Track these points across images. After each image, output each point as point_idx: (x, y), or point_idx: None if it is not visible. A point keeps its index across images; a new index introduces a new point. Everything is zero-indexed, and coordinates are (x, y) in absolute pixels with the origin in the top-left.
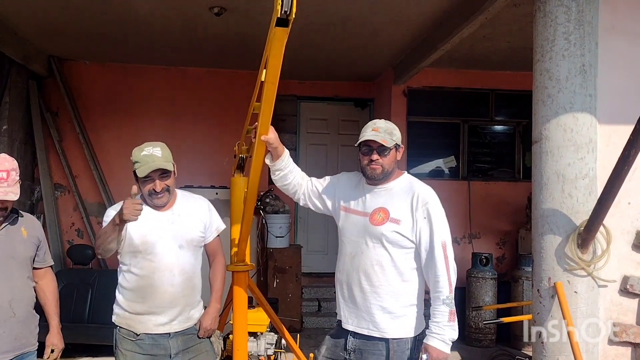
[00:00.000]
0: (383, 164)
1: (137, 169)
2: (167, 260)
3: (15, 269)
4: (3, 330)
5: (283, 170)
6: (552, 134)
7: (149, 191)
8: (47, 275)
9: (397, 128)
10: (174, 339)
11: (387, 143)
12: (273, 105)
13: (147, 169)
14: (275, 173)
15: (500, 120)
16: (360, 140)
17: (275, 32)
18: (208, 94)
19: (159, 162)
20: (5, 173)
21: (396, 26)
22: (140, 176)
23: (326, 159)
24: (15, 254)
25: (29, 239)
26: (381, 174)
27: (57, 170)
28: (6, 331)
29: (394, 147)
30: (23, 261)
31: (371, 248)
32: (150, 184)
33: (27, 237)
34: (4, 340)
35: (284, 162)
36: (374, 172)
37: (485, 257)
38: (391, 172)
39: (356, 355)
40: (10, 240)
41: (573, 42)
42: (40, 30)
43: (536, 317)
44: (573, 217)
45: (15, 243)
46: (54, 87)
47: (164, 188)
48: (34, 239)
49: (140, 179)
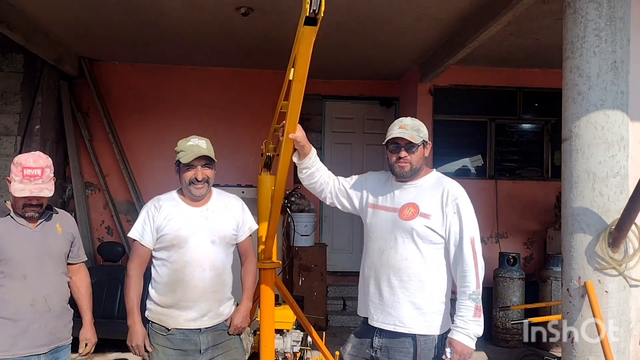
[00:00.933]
0: (411, 161)
1: (182, 157)
2: (198, 255)
3: (50, 264)
4: (39, 325)
5: (310, 169)
6: (582, 131)
7: (190, 179)
8: (81, 271)
9: (423, 125)
10: (205, 334)
11: (415, 140)
12: (301, 104)
13: (192, 156)
14: (302, 171)
15: (528, 118)
16: (387, 138)
17: (304, 31)
18: (234, 93)
19: (203, 151)
20: (40, 170)
21: (423, 24)
22: (185, 162)
23: (351, 158)
24: (50, 250)
25: (64, 235)
26: (410, 172)
27: (88, 168)
28: (42, 325)
29: (422, 144)
30: (58, 257)
31: (400, 243)
32: (192, 171)
33: (62, 233)
34: (40, 334)
35: (311, 160)
36: (402, 170)
37: (513, 257)
38: (419, 168)
39: (382, 352)
40: (46, 237)
41: (604, 39)
42: (71, 32)
43: (566, 316)
44: (604, 216)
45: (51, 239)
46: (84, 87)
47: (204, 178)
48: (68, 235)
49: (183, 166)
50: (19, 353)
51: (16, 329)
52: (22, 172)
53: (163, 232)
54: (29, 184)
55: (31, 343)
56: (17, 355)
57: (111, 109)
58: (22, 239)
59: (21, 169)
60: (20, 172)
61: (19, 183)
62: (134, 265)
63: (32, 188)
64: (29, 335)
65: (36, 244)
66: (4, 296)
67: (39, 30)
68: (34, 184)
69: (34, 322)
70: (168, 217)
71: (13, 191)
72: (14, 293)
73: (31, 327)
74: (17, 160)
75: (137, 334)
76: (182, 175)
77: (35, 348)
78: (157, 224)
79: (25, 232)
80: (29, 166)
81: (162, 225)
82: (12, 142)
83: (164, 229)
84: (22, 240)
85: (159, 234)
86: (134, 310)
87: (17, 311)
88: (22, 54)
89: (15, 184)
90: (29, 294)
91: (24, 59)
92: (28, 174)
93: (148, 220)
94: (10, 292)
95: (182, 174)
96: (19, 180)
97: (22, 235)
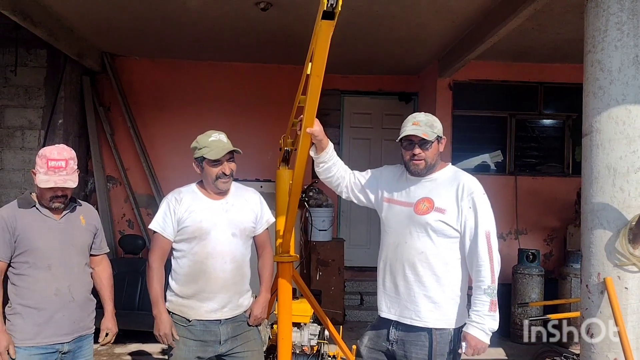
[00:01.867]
0: (426, 157)
1: (207, 153)
2: (220, 247)
3: (74, 255)
4: (63, 314)
5: (327, 163)
6: (603, 126)
7: (217, 175)
8: (103, 262)
9: (437, 120)
10: (225, 325)
11: (429, 136)
12: (318, 98)
13: (221, 151)
14: (319, 165)
15: (549, 113)
16: (401, 135)
17: (322, 25)
18: (253, 88)
19: (229, 146)
20: (64, 162)
21: (442, 18)
22: (213, 158)
23: (369, 154)
24: (74, 241)
25: (87, 227)
26: (425, 168)
27: (109, 162)
28: (66, 314)
29: (436, 140)
30: (81, 248)
31: (415, 238)
32: (219, 166)
33: (86, 225)
34: (63, 323)
35: (329, 154)
36: (417, 167)
37: (532, 253)
38: (434, 164)
39: (398, 345)
40: (70, 228)
41: (626, 33)
42: (94, 27)
43: (585, 313)
44: (624, 212)
45: (75, 231)
46: (106, 82)
47: (231, 172)
48: (91, 227)
49: (210, 162)
50: (44, 341)
51: (41, 318)
52: (46, 164)
53: (184, 224)
54: (54, 175)
55: (55, 332)
56: (41, 343)
57: (132, 103)
58: (47, 230)
59: (46, 161)
60: (45, 164)
61: (43, 175)
62: (156, 257)
63: (57, 179)
64: (54, 324)
65: (61, 235)
66: (29, 286)
67: (62, 26)
68: (58, 175)
69: (58, 311)
70: (189, 209)
71: (38, 182)
72: (39, 283)
73: (55, 317)
74: (41, 153)
75: (164, 322)
76: (207, 170)
77: (59, 337)
78: (179, 216)
79: (51, 224)
80: (53, 158)
81: (183, 217)
82: (36, 136)
83: (185, 221)
84: (47, 231)
85: (180, 226)
86: (159, 300)
87: (42, 300)
88: (45, 49)
89: (40, 176)
90: (54, 284)
91: (47, 55)
92: (53, 165)
93: (169, 212)
94: (36, 282)
95: (208, 170)
96: (43, 172)
97: (48, 226)
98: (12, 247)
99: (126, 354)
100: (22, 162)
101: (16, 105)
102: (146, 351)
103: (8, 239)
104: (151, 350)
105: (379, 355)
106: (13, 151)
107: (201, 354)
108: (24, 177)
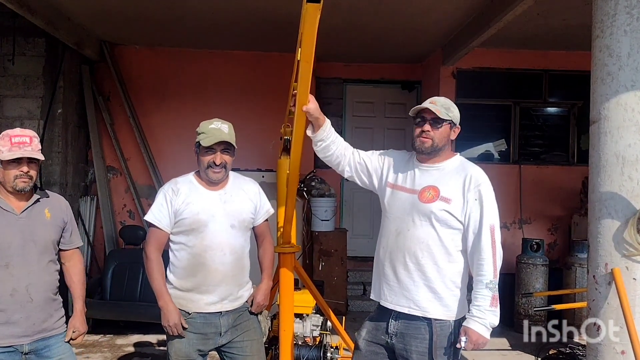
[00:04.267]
0: (434, 137)
1: (202, 139)
2: (219, 239)
3: (35, 253)
4: (20, 315)
5: (325, 141)
6: (611, 113)
7: (207, 163)
8: (74, 257)
9: (456, 107)
10: (225, 317)
11: (441, 114)
12: (309, 84)
13: (213, 139)
14: (317, 144)
15: (554, 102)
16: (416, 110)
17: (307, 9)
18: (255, 77)
19: (225, 136)
20: (28, 138)
21: (446, 4)
22: (205, 145)
23: (372, 143)
24: (35, 237)
25: (53, 221)
26: (430, 148)
27: (110, 153)
28: (23, 316)
29: (449, 124)
30: (44, 245)
31: (418, 226)
32: (211, 155)
33: (51, 219)
34: (21, 324)
35: (326, 132)
36: (422, 145)
37: (537, 243)
38: (441, 148)
39: (398, 338)
40: (31, 223)
41: (636, 16)
42: (92, 15)
43: (591, 304)
44: (633, 201)
45: (37, 226)
46: (105, 71)
47: (222, 163)
48: (58, 220)
49: (203, 149)
50: (1, 342)
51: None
52: (10, 140)
53: (182, 217)
54: (18, 150)
55: (12, 333)
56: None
57: (132, 93)
58: (5, 225)
59: (9, 139)
60: (8, 142)
61: (7, 152)
62: (153, 248)
63: (23, 152)
64: (11, 326)
65: (20, 231)
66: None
67: (60, 14)
68: (24, 150)
69: (15, 312)
70: (186, 200)
71: (3, 157)
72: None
73: (12, 318)
74: (3, 134)
75: (172, 312)
76: (200, 157)
77: (16, 339)
78: (176, 208)
79: (9, 219)
80: (16, 134)
81: (180, 209)
82: (35, 126)
83: (183, 213)
84: (5, 227)
85: (177, 218)
86: (164, 290)
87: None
88: (43, 38)
89: (4, 153)
90: (10, 284)
91: (46, 44)
92: (17, 141)
93: (166, 203)
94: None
95: (201, 157)
96: (7, 149)
97: (6, 221)
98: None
99: (128, 345)
100: None
101: (15, 95)
102: (148, 342)
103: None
104: (153, 341)
105: (377, 348)
106: None
107: (202, 347)
108: None
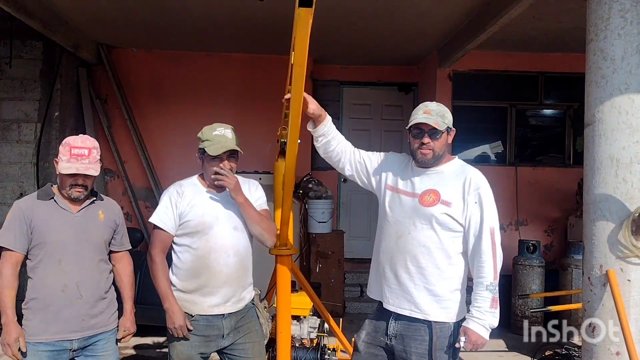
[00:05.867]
0: (434, 147)
1: (208, 147)
2: (222, 241)
3: (87, 251)
4: (70, 311)
5: (326, 137)
6: (605, 116)
7: (215, 170)
8: (124, 259)
9: (448, 111)
10: (228, 319)
11: (440, 126)
12: (303, 87)
13: (221, 148)
14: (318, 140)
15: (550, 104)
16: (411, 123)
17: (300, 13)
18: (252, 80)
19: (231, 144)
20: (87, 150)
21: (442, 7)
22: (213, 154)
23: (369, 145)
24: (89, 236)
25: (106, 222)
26: (432, 159)
27: (107, 155)
28: (73, 312)
29: (446, 131)
30: (97, 244)
31: (419, 229)
32: (217, 162)
33: (104, 220)
34: (71, 320)
35: (327, 127)
36: (424, 157)
37: (533, 244)
38: (442, 155)
39: (397, 340)
40: (86, 222)
41: (629, 20)
42: (90, 18)
43: (586, 305)
44: (627, 203)
45: (92, 225)
46: (102, 74)
47: (230, 169)
48: (110, 222)
49: (209, 157)
50: (51, 338)
51: (48, 314)
52: (69, 151)
53: (187, 219)
54: (76, 162)
55: (63, 329)
56: (49, 339)
57: (129, 95)
58: (62, 223)
59: (69, 149)
60: (67, 152)
61: (66, 162)
62: (157, 250)
63: (79, 166)
64: (61, 321)
65: (75, 229)
66: (38, 280)
67: (57, 17)
68: (81, 163)
69: (65, 308)
70: (191, 203)
71: (60, 169)
72: (49, 278)
73: (62, 313)
74: (65, 141)
75: (177, 314)
76: (206, 164)
77: (66, 334)
78: (180, 210)
79: (66, 217)
80: (76, 146)
81: (185, 211)
82: (32, 129)
83: (187, 215)
84: (61, 224)
85: (182, 220)
86: (169, 293)
87: (49, 296)
88: (40, 41)
89: (62, 164)
90: (62, 280)
91: (43, 46)
92: (75, 153)
93: (170, 206)
94: (45, 277)
95: (207, 164)
96: (66, 159)
97: (63, 219)
98: (29, 238)
99: (126, 348)
100: (19, 155)
101: (12, 98)
102: (146, 344)
103: (25, 230)
104: (151, 344)
105: (377, 350)
106: (9, 144)
107: (204, 350)
108: (20, 170)
